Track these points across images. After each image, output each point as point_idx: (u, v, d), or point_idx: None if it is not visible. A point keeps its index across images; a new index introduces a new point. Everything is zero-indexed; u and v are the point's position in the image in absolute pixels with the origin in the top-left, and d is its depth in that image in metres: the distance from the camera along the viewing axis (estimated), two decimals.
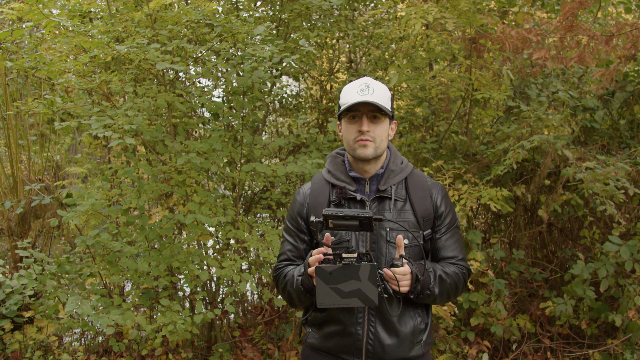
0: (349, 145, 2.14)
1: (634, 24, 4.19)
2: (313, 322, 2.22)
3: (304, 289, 2.07)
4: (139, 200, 3.84)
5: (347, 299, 1.83)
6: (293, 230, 2.27)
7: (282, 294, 2.23)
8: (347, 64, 6.29)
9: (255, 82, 3.96)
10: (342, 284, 1.82)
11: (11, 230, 5.26)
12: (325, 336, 2.17)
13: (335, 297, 1.82)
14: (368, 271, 1.81)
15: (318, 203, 2.20)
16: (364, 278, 1.82)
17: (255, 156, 4.37)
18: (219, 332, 4.66)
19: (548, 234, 5.32)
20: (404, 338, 2.11)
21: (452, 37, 4.80)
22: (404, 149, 5.17)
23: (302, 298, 2.12)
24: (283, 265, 2.26)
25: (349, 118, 2.12)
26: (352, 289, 1.82)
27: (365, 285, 1.82)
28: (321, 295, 1.82)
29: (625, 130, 5.14)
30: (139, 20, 4.07)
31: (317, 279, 1.83)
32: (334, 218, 1.86)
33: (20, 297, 4.43)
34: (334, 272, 1.82)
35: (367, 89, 2.07)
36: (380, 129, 2.11)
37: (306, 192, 2.27)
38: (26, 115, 5.37)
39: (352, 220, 1.87)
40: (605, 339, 4.60)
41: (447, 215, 2.24)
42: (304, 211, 2.24)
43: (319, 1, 4.51)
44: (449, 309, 4.23)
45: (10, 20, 5.43)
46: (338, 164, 2.24)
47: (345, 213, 1.86)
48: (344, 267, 1.81)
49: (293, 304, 2.22)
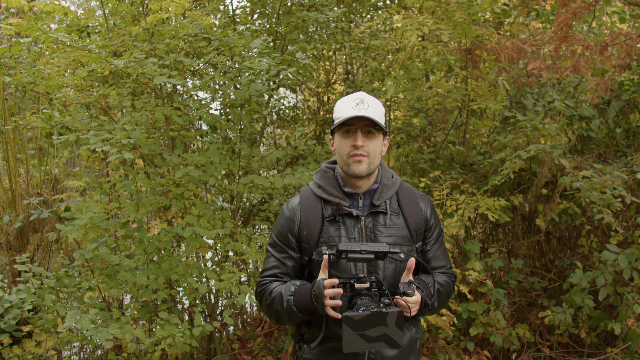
0: (343, 160, 2.11)
1: (628, 34, 4.23)
2: (311, 339, 2.16)
3: (297, 309, 2.02)
4: (137, 213, 3.84)
5: (373, 344, 1.83)
6: (281, 246, 2.20)
7: (267, 310, 2.16)
8: (344, 76, 6.32)
9: (252, 95, 3.98)
10: (369, 330, 1.81)
11: (10, 245, 5.26)
12: (324, 351, 2.14)
13: (362, 343, 1.82)
14: (395, 318, 1.82)
15: (311, 219, 2.14)
16: (391, 324, 1.82)
17: (253, 168, 4.38)
18: (218, 344, 4.64)
19: (546, 243, 5.32)
20: (404, 349, 2.14)
21: (448, 48, 4.83)
22: (401, 160, 5.19)
23: (293, 318, 2.06)
24: (268, 281, 2.18)
25: (342, 132, 2.10)
26: (379, 334, 1.82)
27: (392, 330, 1.83)
28: (348, 342, 1.81)
29: (622, 139, 5.17)
30: (136, 35, 4.09)
31: (345, 326, 1.80)
32: (351, 253, 1.88)
33: (19, 312, 4.41)
34: (361, 320, 1.80)
35: (362, 104, 2.06)
36: (374, 144, 2.09)
37: (296, 207, 2.20)
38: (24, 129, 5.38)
39: (369, 254, 1.89)
40: (604, 347, 4.60)
41: (436, 227, 2.28)
42: (295, 227, 2.17)
43: (316, 14, 4.54)
44: (448, 319, 4.23)
45: (9, 36, 5.46)
46: (329, 178, 2.20)
47: (362, 248, 1.88)
48: (371, 315, 1.81)
49: (280, 321, 2.14)
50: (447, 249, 4.18)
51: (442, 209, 4.51)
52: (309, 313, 2.02)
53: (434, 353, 4.47)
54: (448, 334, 4.36)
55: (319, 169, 2.28)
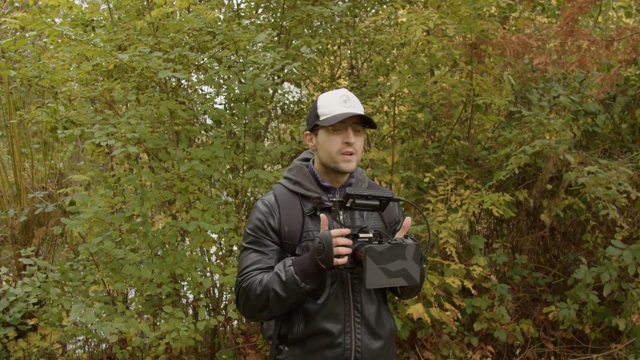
0: (330, 157, 2.08)
1: (634, 28, 4.20)
2: (294, 339, 2.07)
3: (300, 277, 1.91)
4: (142, 207, 3.85)
5: (393, 279, 1.82)
6: (261, 241, 2.09)
7: (257, 301, 2.00)
8: (348, 70, 6.31)
9: (257, 89, 3.98)
10: (390, 263, 1.81)
11: (15, 238, 5.28)
12: (308, 352, 2.06)
13: (383, 277, 1.80)
14: (413, 250, 1.83)
15: (291, 215, 2.10)
16: (409, 257, 1.83)
17: (257, 163, 4.37)
18: (222, 338, 4.65)
19: (551, 239, 5.32)
20: (386, 340, 2.15)
21: (453, 42, 4.81)
22: (405, 155, 5.18)
23: (292, 294, 1.93)
24: (254, 274, 2.04)
25: (330, 129, 2.07)
26: (399, 269, 1.82)
27: (410, 265, 1.83)
28: (370, 275, 1.78)
29: (627, 134, 5.15)
30: (141, 29, 4.09)
31: (368, 259, 1.77)
32: (357, 197, 1.88)
33: (24, 305, 4.43)
34: (384, 251, 1.79)
35: (350, 101, 2.07)
36: (360, 141, 2.11)
37: (272, 203, 2.13)
38: (29, 123, 5.39)
39: (374, 200, 1.91)
40: (608, 343, 4.59)
41: (402, 218, 2.31)
42: (275, 223, 2.09)
43: (321, 8, 4.53)
44: (452, 314, 4.23)
45: (14, 30, 5.46)
46: (306, 174, 2.17)
47: (369, 193, 1.90)
48: (392, 246, 1.81)
49: (271, 309, 1.99)
50: (452, 244, 4.19)
51: (446, 204, 4.50)
52: (314, 276, 1.93)
53: (438, 348, 4.48)
54: (452, 329, 4.36)
55: (293, 166, 2.25)
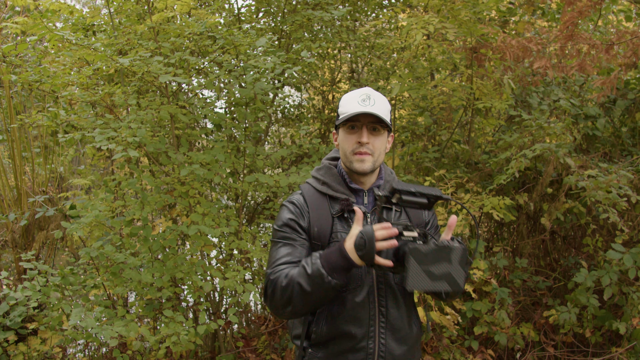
0: (346, 157, 2.07)
1: (634, 32, 4.21)
2: (317, 341, 2.05)
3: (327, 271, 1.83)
4: (142, 211, 3.85)
5: (436, 282, 1.72)
6: (290, 236, 2.04)
7: (282, 294, 1.91)
8: (348, 74, 6.32)
9: (257, 93, 3.98)
10: (434, 266, 1.72)
11: (15, 242, 5.28)
12: (330, 354, 2.04)
13: (426, 280, 1.71)
14: (460, 254, 1.74)
15: (321, 216, 2.07)
16: (455, 261, 1.73)
17: (257, 167, 4.38)
18: (222, 342, 4.65)
19: (551, 242, 5.31)
20: (412, 345, 2.10)
21: (453, 46, 4.82)
22: (406, 158, 5.19)
23: (318, 288, 1.85)
24: (284, 267, 1.97)
25: (347, 128, 2.05)
26: (443, 272, 1.72)
27: (455, 269, 1.73)
28: (412, 277, 1.70)
29: (627, 138, 5.15)
30: (141, 33, 4.10)
31: (411, 259, 1.69)
32: (404, 193, 1.79)
33: (24, 309, 4.43)
34: (428, 253, 1.71)
35: (369, 100, 2.02)
36: (379, 141, 2.05)
37: (302, 203, 2.10)
38: (30, 127, 5.40)
39: (421, 198, 1.81)
40: (609, 347, 4.58)
41: (434, 219, 2.25)
42: (305, 222, 2.06)
43: (321, 12, 4.54)
44: (452, 318, 4.22)
45: (15, 34, 5.48)
46: (334, 175, 2.13)
47: (417, 189, 1.80)
48: (438, 249, 1.72)
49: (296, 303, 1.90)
50: None
51: (446, 208, 4.50)
52: (341, 271, 1.85)
53: (438, 352, 4.47)
54: (452, 332, 4.35)
55: (321, 165, 2.21)
